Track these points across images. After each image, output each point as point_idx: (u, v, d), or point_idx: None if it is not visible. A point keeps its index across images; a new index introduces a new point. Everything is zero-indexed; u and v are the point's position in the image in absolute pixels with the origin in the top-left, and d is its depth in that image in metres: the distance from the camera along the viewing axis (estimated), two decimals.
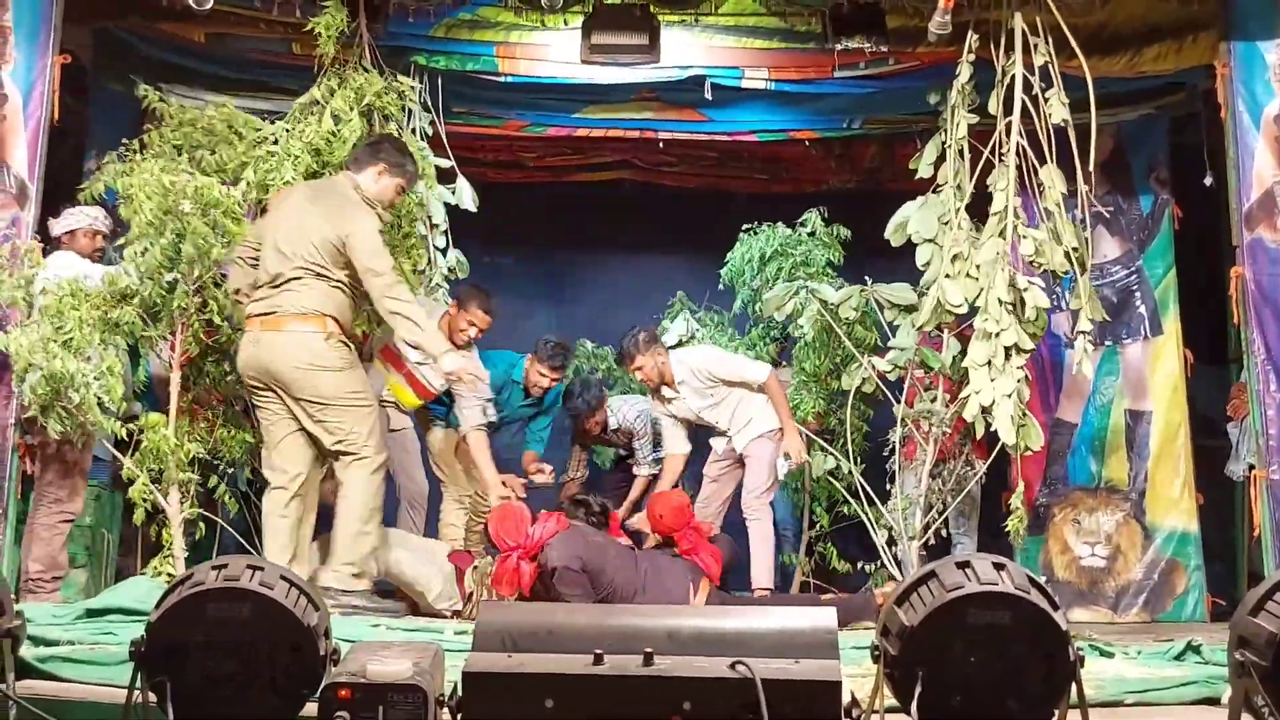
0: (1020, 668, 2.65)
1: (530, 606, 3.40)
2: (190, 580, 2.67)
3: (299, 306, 5.51)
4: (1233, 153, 6.12)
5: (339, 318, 5.56)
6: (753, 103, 7.31)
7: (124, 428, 5.58)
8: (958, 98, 6.23)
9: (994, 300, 5.67)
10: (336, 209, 5.59)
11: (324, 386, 5.51)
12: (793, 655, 2.65)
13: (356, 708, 2.47)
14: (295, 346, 5.51)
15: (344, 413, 5.54)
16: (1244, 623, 2.75)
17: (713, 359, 6.99)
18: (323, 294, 5.53)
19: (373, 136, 6.12)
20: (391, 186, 5.79)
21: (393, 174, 5.76)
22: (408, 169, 5.85)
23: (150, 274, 5.56)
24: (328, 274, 5.53)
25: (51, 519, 5.86)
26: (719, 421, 6.96)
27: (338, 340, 5.54)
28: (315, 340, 5.50)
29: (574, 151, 8.40)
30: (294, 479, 5.58)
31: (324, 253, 5.52)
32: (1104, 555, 7.18)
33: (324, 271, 5.52)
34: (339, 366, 5.54)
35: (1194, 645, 4.60)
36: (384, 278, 5.50)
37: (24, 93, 5.93)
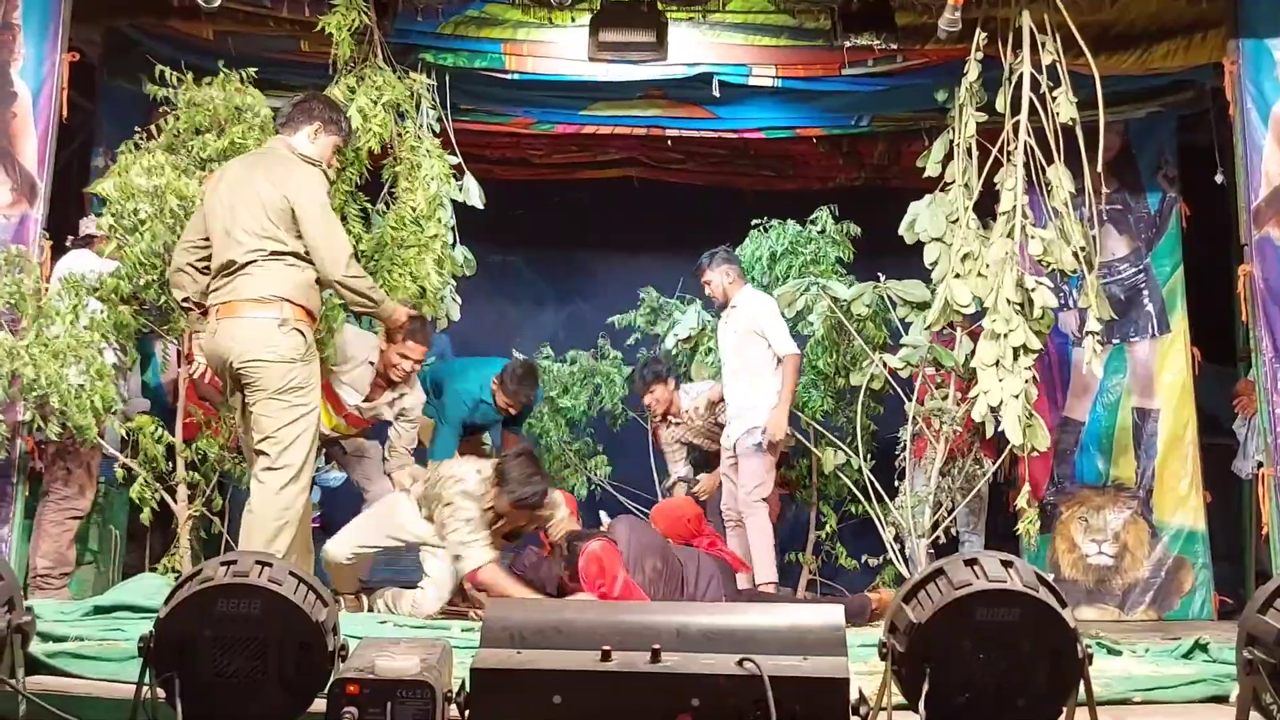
0: (1028, 665, 2.65)
1: (538, 603, 3.40)
2: (199, 576, 2.67)
3: (254, 291, 5.13)
4: (1241, 150, 6.11)
5: (297, 301, 5.16)
6: (760, 100, 7.34)
7: (124, 426, 5.61)
8: (966, 96, 6.22)
9: (1002, 300, 5.66)
10: (280, 174, 5.21)
11: (268, 377, 5.10)
12: (801, 652, 2.65)
13: (365, 703, 2.47)
14: (248, 332, 5.13)
15: (278, 411, 5.11)
16: (1252, 620, 2.74)
17: (768, 308, 6.91)
18: (278, 275, 5.13)
19: (298, 96, 5.75)
20: (329, 144, 5.46)
21: (328, 131, 5.44)
22: (343, 125, 5.55)
23: (131, 274, 5.57)
24: (282, 249, 5.14)
25: (59, 516, 5.86)
26: (729, 391, 6.97)
27: (293, 327, 5.13)
28: (268, 326, 5.12)
29: (581, 149, 8.41)
30: None
31: (277, 222, 5.14)
32: (1111, 553, 7.17)
33: (279, 248, 5.14)
34: (289, 358, 5.11)
35: (1202, 643, 4.59)
36: (332, 241, 5.18)
37: (34, 91, 5.94)
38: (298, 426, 5.12)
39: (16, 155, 5.90)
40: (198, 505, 5.83)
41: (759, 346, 6.75)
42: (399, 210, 6.32)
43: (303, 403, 5.14)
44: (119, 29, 6.76)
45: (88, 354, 5.46)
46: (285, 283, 5.14)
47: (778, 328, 6.83)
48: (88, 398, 5.39)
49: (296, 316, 5.15)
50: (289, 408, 5.11)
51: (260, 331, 5.11)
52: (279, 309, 5.11)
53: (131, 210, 5.56)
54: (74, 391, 5.38)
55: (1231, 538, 7.45)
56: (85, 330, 5.51)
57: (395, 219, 6.28)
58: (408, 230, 6.22)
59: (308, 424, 5.16)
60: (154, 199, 5.55)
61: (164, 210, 5.56)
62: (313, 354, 5.24)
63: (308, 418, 5.16)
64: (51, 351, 5.36)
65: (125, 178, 5.64)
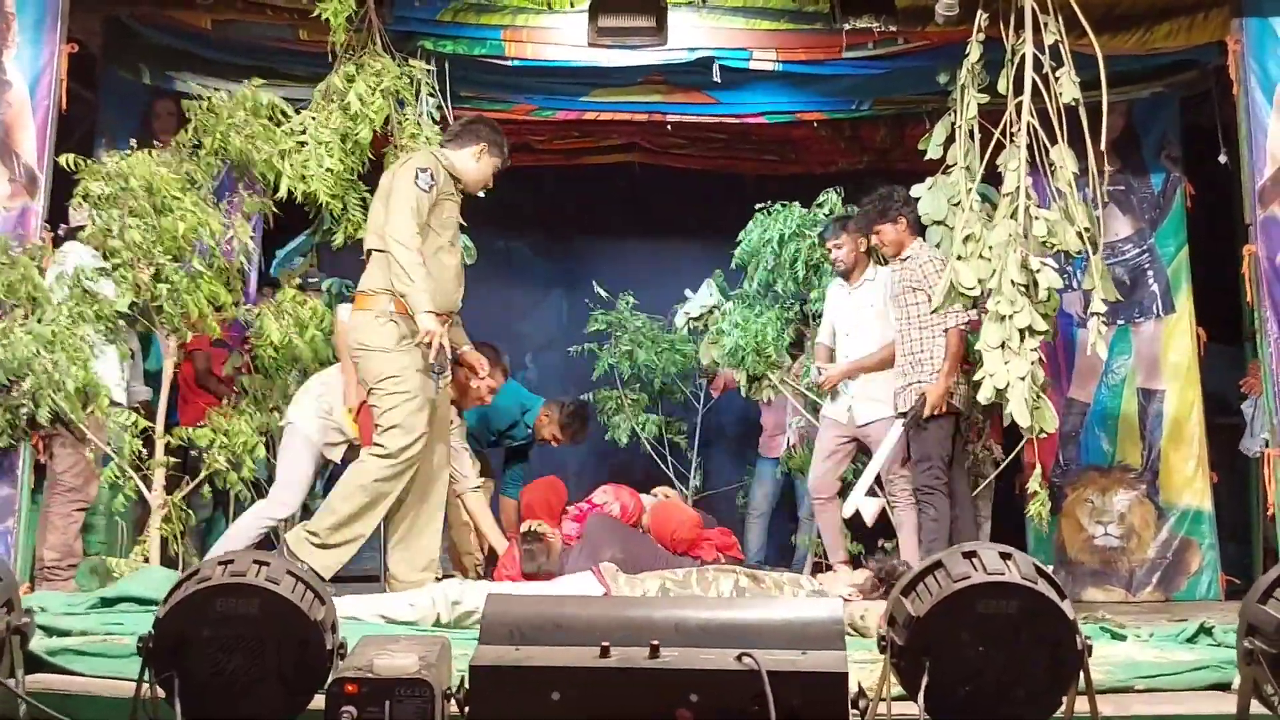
0: (1028, 657, 2.64)
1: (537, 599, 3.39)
2: (197, 575, 2.68)
3: (363, 285, 5.57)
4: (1245, 129, 6.09)
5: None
6: (761, 84, 7.29)
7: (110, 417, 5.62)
8: (967, 77, 6.17)
9: (1007, 282, 5.63)
10: (390, 176, 5.59)
11: (367, 368, 5.52)
12: (800, 646, 2.65)
13: (364, 702, 2.47)
14: (354, 325, 5.58)
15: (380, 398, 5.48)
16: (1252, 610, 2.74)
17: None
18: (381, 269, 5.48)
19: (466, 117, 6.11)
20: (489, 166, 5.75)
21: (491, 154, 5.73)
22: (505, 150, 5.81)
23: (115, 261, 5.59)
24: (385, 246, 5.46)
25: (65, 507, 5.87)
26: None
27: (389, 319, 5.45)
28: (366, 319, 5.51)
29: (582, 134, 8.37)
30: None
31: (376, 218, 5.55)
32: (1117, 535, 7.17)
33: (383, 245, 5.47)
34: (382, 347, 5.46)
35: (1206, 627, 4.58)
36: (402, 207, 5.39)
37: (31, 82, 5.94)
38: (401, 411, 5.43)
39: (14, 147, 5.90)
40: (178, 495, 5.82)
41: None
42: None
43: (401, 388, 5.43)
44: (118, 19, 6.74)
45: (71, 341, 5.44)
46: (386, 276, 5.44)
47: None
48: (72, 384, 5.38)
49: (397, 310, 5.43)
50: (388, 394, 5.43)
51: (359, 324, 5.54)
52: (375, 303, 5.48)
53: (106, 196, 5.56)
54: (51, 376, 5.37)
55: (1238, 518, 7.44)
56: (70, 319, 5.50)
57: None
58: None
59: (411, 407, 5.45)
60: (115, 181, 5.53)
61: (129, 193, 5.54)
62: (409, 345, 5.44)
63: (409, 399, 5.44)
64: (34, 337, 5.35)
65: (94, 164, 5.66)
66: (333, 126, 6.05)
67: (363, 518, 5.49)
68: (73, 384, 5.41)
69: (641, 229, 9.08)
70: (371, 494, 5.47)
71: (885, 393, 6.53)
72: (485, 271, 7.59)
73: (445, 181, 5.60)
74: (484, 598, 4.92)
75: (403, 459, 5.46)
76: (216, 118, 5.89)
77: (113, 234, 5.59)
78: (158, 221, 5.57)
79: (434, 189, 5.48)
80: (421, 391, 5.49)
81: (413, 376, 5.46)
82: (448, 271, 5.62)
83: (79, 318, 5.53)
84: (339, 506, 5.48)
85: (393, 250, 5.37)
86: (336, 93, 6.16)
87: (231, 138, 5.86)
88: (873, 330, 6.69)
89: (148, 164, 5.60)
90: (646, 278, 8.53)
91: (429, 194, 5.46)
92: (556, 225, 9.27)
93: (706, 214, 8.00)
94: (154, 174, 5.56)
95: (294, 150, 6.04)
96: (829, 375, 6.68)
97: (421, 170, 5.47)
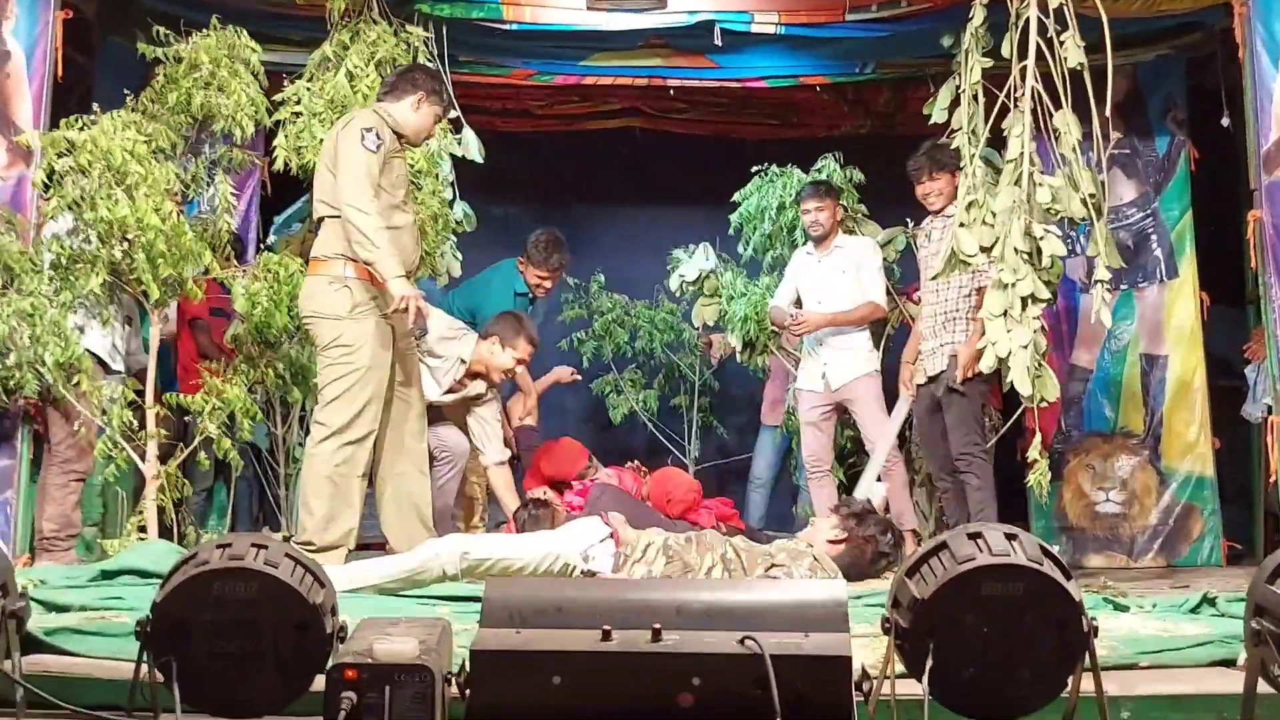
0: (1033, 639, 2.61)
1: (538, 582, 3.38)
2: (195, 559, 2.65)
3: (315, 251, 5.44)
4: (1251, 93, 6.03)
5: (351, 256, 5.30)
6: (763, 48, 7.24)
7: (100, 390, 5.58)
8: (971, 41, 6.09)
9: (1010, 249, 5.58)
10: (333, 139, 5.42)
11: (318, 334, 5.38)
12: (803, 629, 2.62)
13: (364, 688, 2.45)
14: (305, 292, 5.45)
15: (326, 367, 5.37)
16: (1260, 590, 2.71)
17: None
18: (334, 234, 5.35)
19: (403, 66, 5.96)
20: (430, 115, 5.58)
21: (431, 102, 5.55)
22: (444, 97, 5.67)
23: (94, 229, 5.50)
24: (336, 209, 5.32)
25: (62, 478, 5.85)
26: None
27: (343, 285, 5.31)
28: (319, 285, 5.37)
29: (582, 99, 8.30)
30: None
31: (324, 183, 5.39)
32: (1119, 501, 7.16)
33: (334, 208, 5.33)
34: (334, 314, 5.32)
35: (1209, 597, 4.57)
36: (357, 183, 5.22)
37: (27, 50, 5.88)
38: (344, 382, 5.29)
39: (11, 116, 5.86)
40: (172, 464, 5.79)
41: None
42: None
43: (347, 360, 5.29)
44: None
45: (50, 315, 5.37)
46: (339, 240, 5.31)
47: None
48: (51, 358, 5.32)
49: (353, 275, 5.29)
50: (332, 364, 5.31)
51: (310, 291, 5.39)
52: (328, 268, 5.33)
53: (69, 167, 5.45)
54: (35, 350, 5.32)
55: (1240, 483, 7.42)
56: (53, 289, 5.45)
57: None
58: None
59: (355, 381, 5.30)
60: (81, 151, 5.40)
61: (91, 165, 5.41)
62: (367, 314, 5.31)
63: (355, 374, 5.30)
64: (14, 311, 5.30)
65: (57, 132, 5.52)
66: (327, 97, 5.97)
67: (342, 507, 5.35)
68: (52, 358, 5.33)
69: (642, 195, 9.02)
70: (337, 480, 5.33)
71: (857, 352, 6.55)
72: (483, 239, 7.56)
73: (391, 139, 5.41)
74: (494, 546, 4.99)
75: (350, 435, 5.32)
76: (180, 68, 5.73)
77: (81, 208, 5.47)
78: (122, 196, 5.39)
79: (381, 148, 5.29)
80: (372, 363, 5.33)
81: (364, 348, 5.31)
82: (405, 233, 5.46)
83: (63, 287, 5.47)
84: (314, 506, 5.34)
85: (350, 218, 5.20)
86: (331, 62, 6.09)
87: (195, 95, 5.69)
88: (845, 296, 6.74)
89: (108, 134, 5.41)
90: (647, 244, 8.49)
91: (377, 154, 5.27)
92: (555, 192, 9.21)
93: (708, 179, 7.94)
94: (113, 146, 5.38)
95: (290, 120, 5.99)
96: (807, 320, 6.67)
97: (367, 130, 5.28)
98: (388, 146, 5.35)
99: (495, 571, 4.83)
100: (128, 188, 5.38)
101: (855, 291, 6.71)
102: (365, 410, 5.34)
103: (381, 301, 5.35)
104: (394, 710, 2.45)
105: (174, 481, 5.77)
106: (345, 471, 5.33)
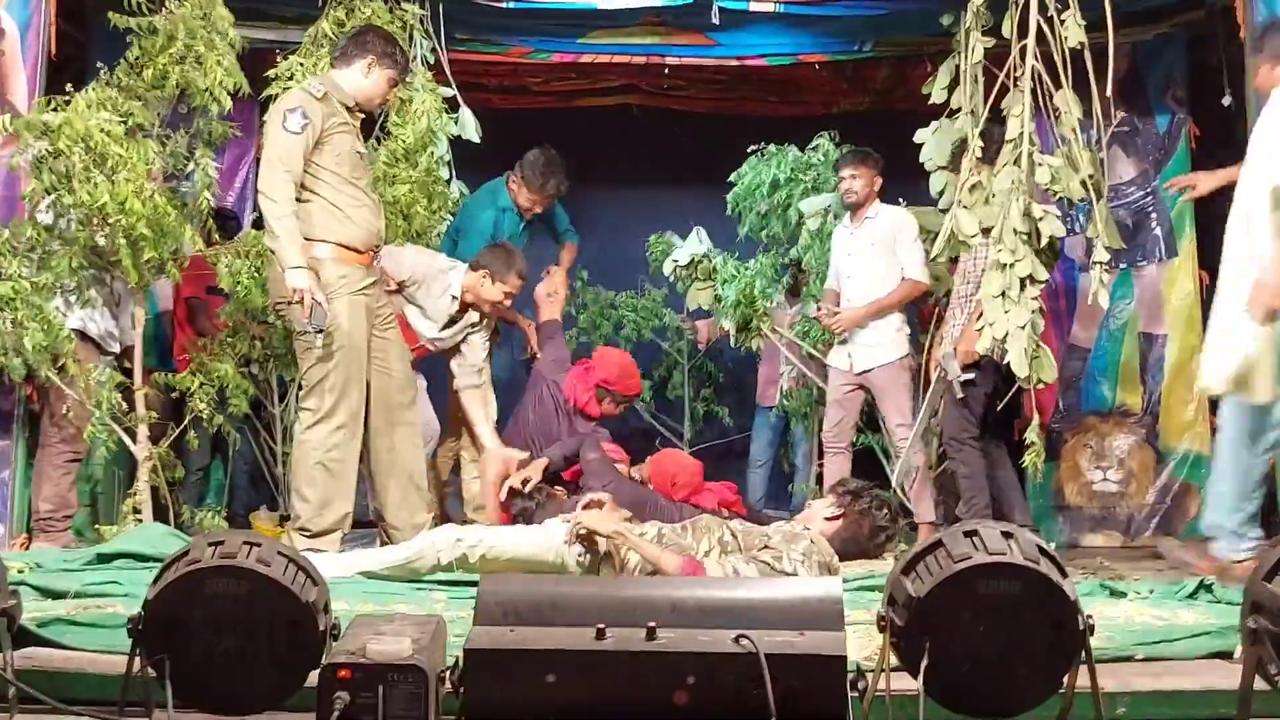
0: (1029, 637, 2.62)
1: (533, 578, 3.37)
2: (186, 557, 2.64)
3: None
4: (1251, 73, 5.96)
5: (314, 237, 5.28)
6: (761, 26, 7.17)
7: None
8: (971, 20, 6.07)
9: (1009, 230, 5.56)
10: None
11: (291, 319, 5.33)
12: (798, 626, 2.62)
13: (356, 688, 2.44)
14: (273, 276, 5.39)
15: (304, 351, 5.36)
16: (1257, 588, 2.70)
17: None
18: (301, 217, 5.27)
19: (355, 28, 5.81)
20: (383, 79, 5.46)
21: (383, 65, 5.43)
22: (398, 59, 5.53)
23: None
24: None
25: (58, 458, 5.85)
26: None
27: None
28: (274, 269, 5.33)
29: (580, 76, 8.24)
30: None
31: None
32: (1117, 480, 7.15)
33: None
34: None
35: (1206, 583, 4.58)
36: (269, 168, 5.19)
37: (21, 26, 5.85)
38: (319, 369, 5.26)
39: (7, 94, 5.82)
40: (163, 445, 5.77)
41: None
42: (390, 146, 6.22)
43: (324, 343, 5.23)
44: None
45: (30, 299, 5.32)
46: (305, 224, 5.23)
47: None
48: (30, 342, 5.28)
49: (320, 254, 5.24)
50: (308, 349, 5.25)
51: (276, 275, 5.28)
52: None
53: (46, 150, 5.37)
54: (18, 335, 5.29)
55: None
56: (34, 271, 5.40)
57: (387, 155, 6.19)
58: (399, 167, 6.12)
59: (329, 365, 5.27)
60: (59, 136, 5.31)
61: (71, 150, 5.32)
62: (331, 293, 5.24)
63: (328, 360, 5.26)
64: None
65: (31, 116, 5.44)
66: (320, 73, 5.92)
67: (338, 494, 5.34)
68: (31, 342, 5.28)
69: (641, 172, 8.97)
70: (329, 465, 5.32)
71: (883, 338, 6.49)
72: None
73: (329, 114, 5.30)
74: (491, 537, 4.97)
75: (337, 418, 5.31)
76: (155, 42, 5.62)
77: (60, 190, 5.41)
78: (102, 179, 5.32)
79: (307, 128, 5.19)
80: (347, 342, 5.31)
81: (338, 328, 5.27)
82: (361, 209, 5.39)
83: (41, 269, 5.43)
84: (307, 493, 5.34)
85: (260, 203, 5.21)
86: (326, 39, 6.04)
87: (170, 71, 5.59)
88: (875, 272, 6.61)
89: (83, 116, 5.31)
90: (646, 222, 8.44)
91: (301, 135, 5.18)
92: None
93: (706, 157, 7.88)
94: (91, 128, 5.29)
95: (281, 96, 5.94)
96: (841, 319, 6.60)
97: (290, 111, 5.21)
98: (319, 124, 5.24)
99: (489, 560, 4.82)
100: (108, 169, 5.32)
101: (885, 266, 6.58)
102: (348, 391, 5.33)
103: (350, 279, 5.33)
104: (387, 711, 2.45)
105: (167, 462, 5.75)
106: (337, 456, 5.32)
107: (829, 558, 4.80)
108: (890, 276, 6.55)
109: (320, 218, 5.29)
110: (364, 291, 5.41)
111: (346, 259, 5.33)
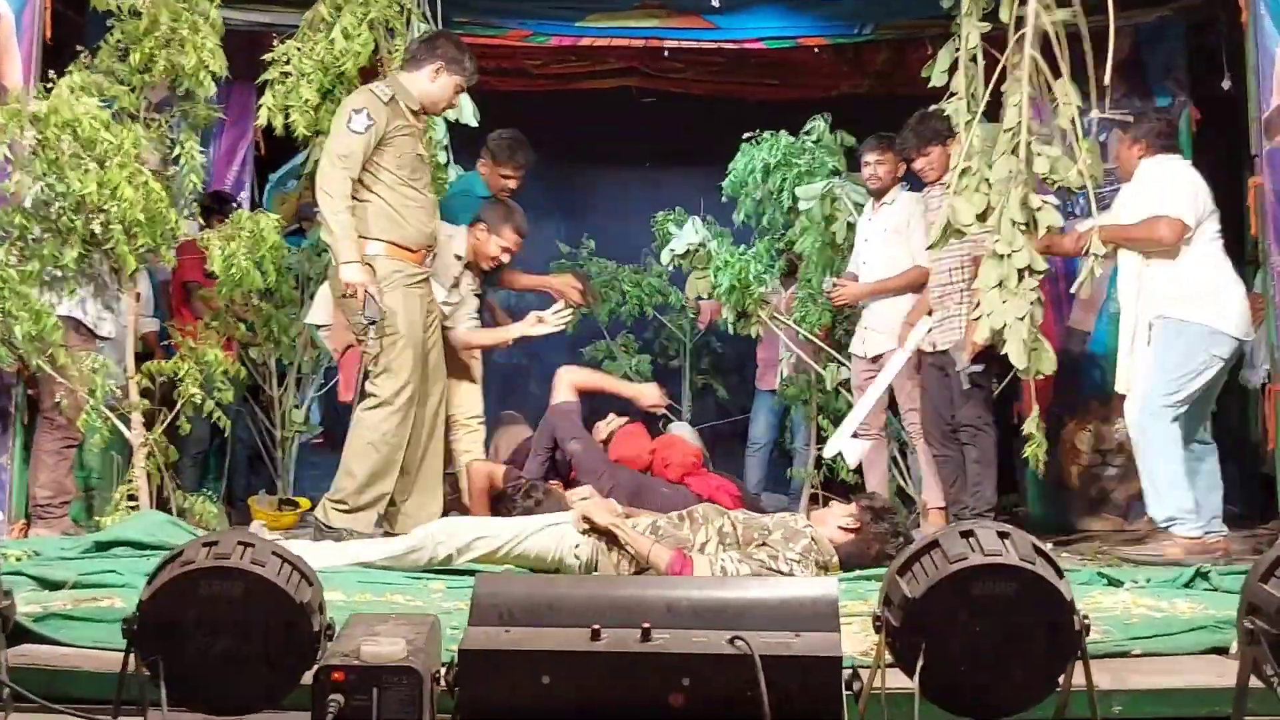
0: (1025, 638, 2.61)
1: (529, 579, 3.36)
2: (180, 558, 2.63)
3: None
4: (1253, 58, 5.92)
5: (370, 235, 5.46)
6: (760, 9, 7.19)
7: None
8: (970, 3, 6.02)
9: (1006, 221, 5.52)
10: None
11: (351, 312, 5.46)
12: (794, 627, 2.61)
13: (351, 690, 2.44)
14: (330, 274, 5.60)
15: (368, 343, 5.49)
16: (1254, 589, 2.70)
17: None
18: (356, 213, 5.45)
19: (427, 33, 5.93)
20: (450, 85, 5.61)
21: (450, 71, 5.58)
22: (466, 65, 5.63)
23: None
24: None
25: (56, 445, 5.86)
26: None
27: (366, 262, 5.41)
28: (333, 264, 5.52)
29: (579, 59, 8.21)
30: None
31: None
32: (1116, 464, 7.14)
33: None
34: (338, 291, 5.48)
35: (1203, 571, 4.59)
36: (330, 165, 5.35)
37: (16, 8, 5.82)
38: (385, 356, 5.45)
39: (3, 78, 5.77)
40: (157, 431, 5.75)
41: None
42: None
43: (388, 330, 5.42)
44: None
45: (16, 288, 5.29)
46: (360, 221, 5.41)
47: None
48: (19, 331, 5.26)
49: (374, 251, 5.42)
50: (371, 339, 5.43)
51: (334, 267, 5.45)
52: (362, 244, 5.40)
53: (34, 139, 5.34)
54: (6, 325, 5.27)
55: (1237, 446, 7.39)
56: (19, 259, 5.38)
57: None
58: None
59: (394, 352, 5.45)
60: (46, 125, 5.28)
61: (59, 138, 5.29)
62: (390, 284, 5.43)
63: (392, 347, 5.44)
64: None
65: (14, 104, 5.37)
66: (316, 58, 5.89)
67: (383, 474, 5.51)
68: (20, 331, 5.27)
69: (639, 155, 8.95)
70: (383, 448, 5.48)
71: (893, 325, 6.48)
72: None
73: (393, 116, 5.44)
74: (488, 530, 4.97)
75: (399, 403, 5.45)
76: (139, 24, 5.58)
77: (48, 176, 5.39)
78: (93, 167, 5.30)
79: (371, 129, 5.35)
80: (408, 332, 5.45)
81: (398, 318, 5.44)
82: (417, 209, 5.55)
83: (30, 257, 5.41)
84: (356, 469, 5.50)
85: (317, 198, 5.34)
86: (323, 23, 6.00)
87: (156, 56, 5.57)
88: (886, 257, 6.62)
89: (68, 103, 5.27)
90: (644, 205, 8.43)
91: (364, 135, 5.33)
92: (552, 151, 9.11)
93: (705, 140, 7.86)
94: (80, 115, 5.26)
95: (279, 80, 5.92)
96: (842, 292, 6.60)
97: (356, 111, 5.36)
98: (383, 125, 5.39)
99: (486, 553, 4.83)
100: (99, 156, 5.31)
101: (899, 252, 6.57)
102: (408, 379, 5.49)
103: (403, 273, 5.49)
104: (381, 712, 2.45)
105: (161, 448, 5.74)
106: (393, 440, 5.50)
107: (828, 557, 4.79)
108: (904, 262, 6.56)
109: (376, 217, 5.46)
110: (417, 285, 5.60)
111: (399, 255, 5.51)
